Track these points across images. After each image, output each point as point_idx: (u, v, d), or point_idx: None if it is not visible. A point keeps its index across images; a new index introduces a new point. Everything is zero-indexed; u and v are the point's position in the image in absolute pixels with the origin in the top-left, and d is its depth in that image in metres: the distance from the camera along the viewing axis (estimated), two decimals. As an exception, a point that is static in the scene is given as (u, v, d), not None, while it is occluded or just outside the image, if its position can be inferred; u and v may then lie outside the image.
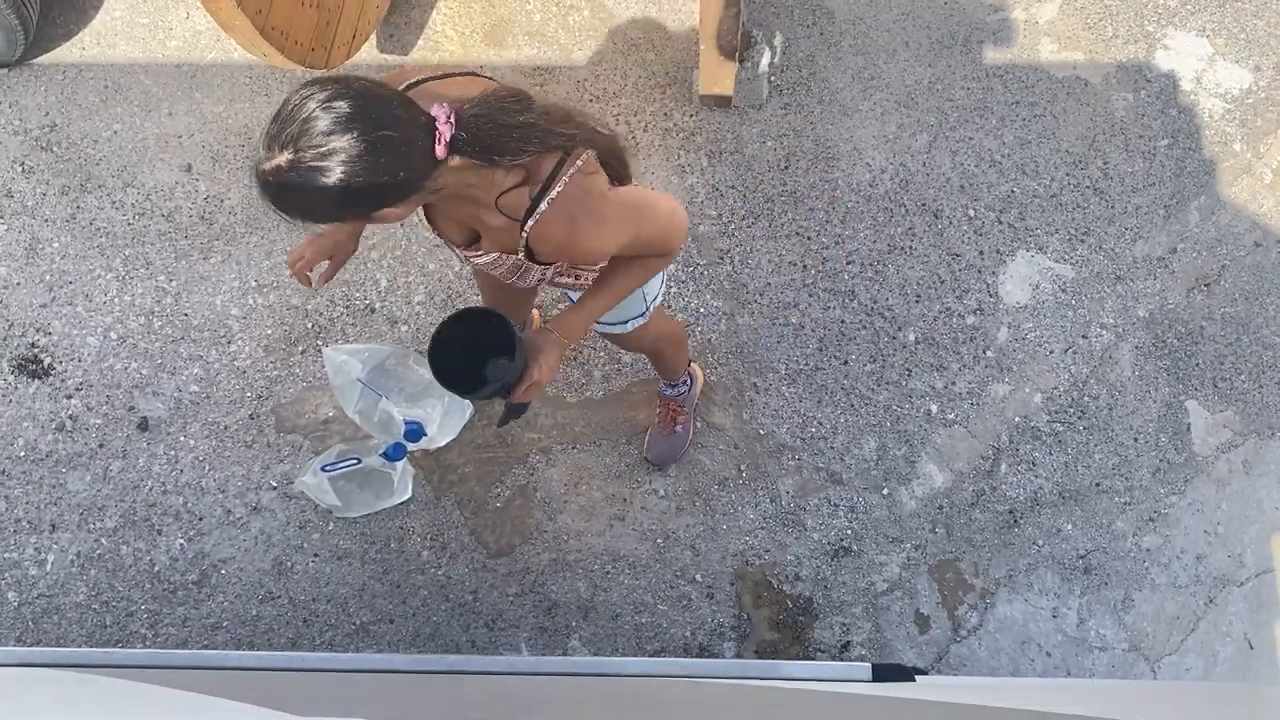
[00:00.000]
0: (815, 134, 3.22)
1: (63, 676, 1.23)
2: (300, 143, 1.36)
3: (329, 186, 1.38)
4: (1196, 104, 3.29)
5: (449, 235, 1.83)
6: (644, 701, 1.29)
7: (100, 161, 3.18)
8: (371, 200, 1.46)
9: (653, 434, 2.92)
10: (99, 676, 1.24)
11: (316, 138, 1.36)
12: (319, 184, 1.38)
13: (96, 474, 2.93)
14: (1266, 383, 3.07)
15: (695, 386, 2.90)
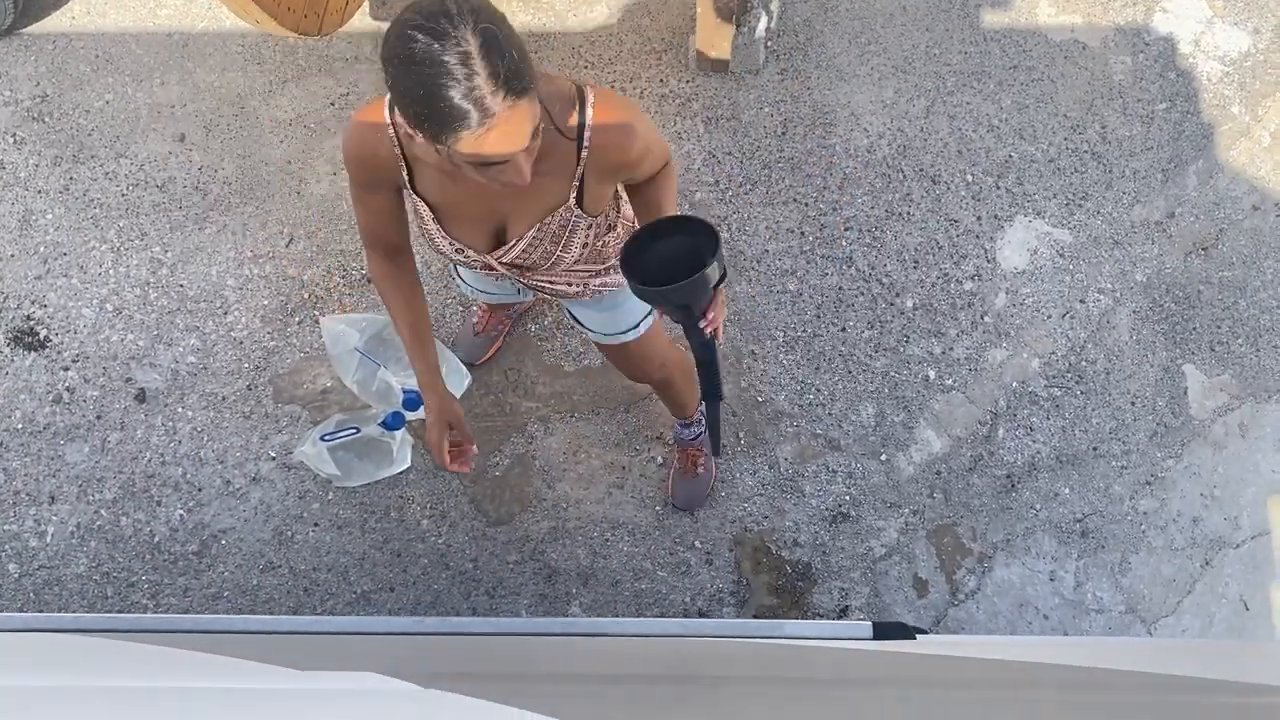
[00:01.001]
0: (812, 99, 3.21)
1: (68, 641, 1.24)
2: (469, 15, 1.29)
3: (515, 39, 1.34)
4: (1195, 67, 3.27)
5: (472, 240, 1.78)
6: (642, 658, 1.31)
7: (92, 132, 3.15)
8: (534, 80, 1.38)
9: (675, 479, 2.89)
10: (101, 639, 1.25)
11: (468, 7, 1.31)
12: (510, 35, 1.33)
13: (95, 446, 2.93)
14: (1263, 346, 3.07)
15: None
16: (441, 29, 1.28)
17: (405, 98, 1.34)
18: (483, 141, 1.35)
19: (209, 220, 3.09)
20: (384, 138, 1.62)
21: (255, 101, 3.18)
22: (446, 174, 1.62)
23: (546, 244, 1.77)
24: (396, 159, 1.64)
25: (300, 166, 3.12)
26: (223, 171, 3.12)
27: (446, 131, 1.34)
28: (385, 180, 1.70)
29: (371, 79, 3.18)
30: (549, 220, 1.72)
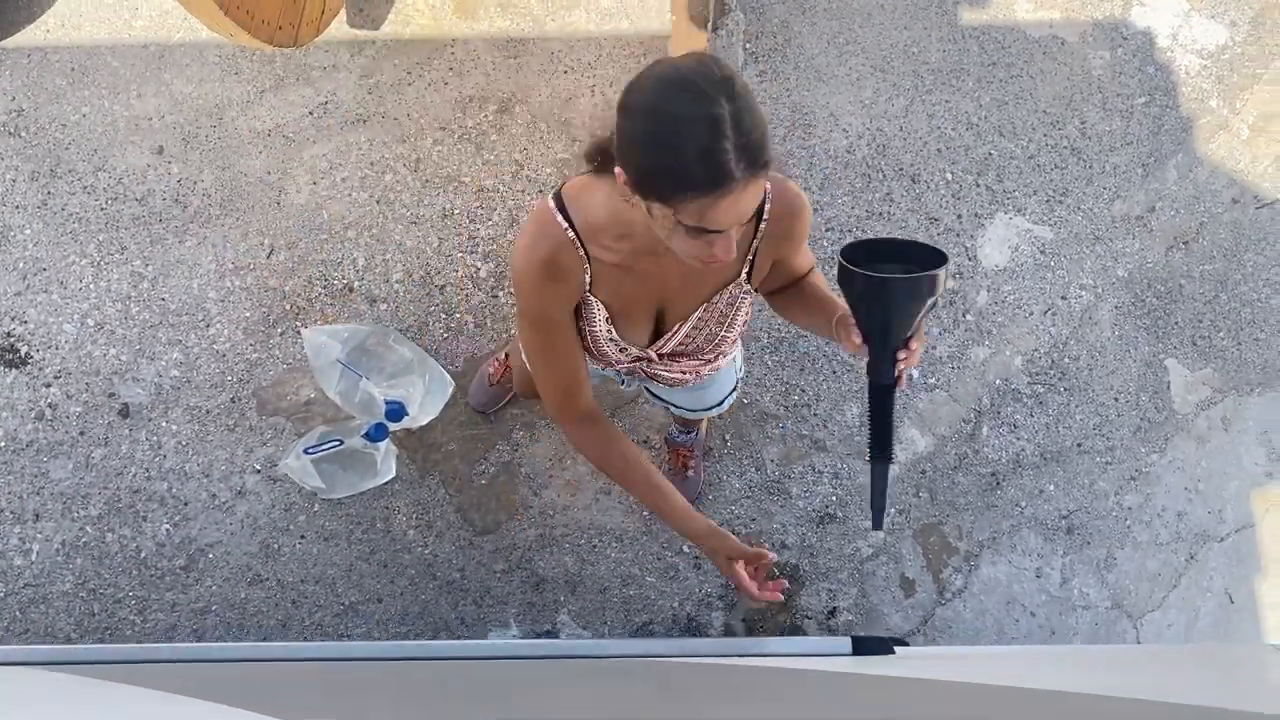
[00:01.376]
0: (791, 101, 3.20)
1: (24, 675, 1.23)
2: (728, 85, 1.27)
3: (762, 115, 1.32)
4: (1173, 61, 3.28)
5: (635, 336, 1.72)
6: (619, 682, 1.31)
7: (69, 146, 3.14)
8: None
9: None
10: (63, 675, 1.24)
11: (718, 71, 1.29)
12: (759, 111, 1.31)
13: (79, 462, 2.92)
14: (1245, 339, 3.09)
15: (702, 428, 2.83)
16: (699, 89, 1.26)
17: (643, 151, 1.31)
18: (713, 209, 1.31)
19: (189, 233, 3.08)
20: (566, 244, 1.54)
21: (233, 112, 3.17)
22: (623, 268, 1.57)
23: (711, 325, 1.72)
24: (581, 262, 1.56)
25: (280, 177, 3.11)
26: (202, 183, 3.11)
27: (680, 192, 1.30)
28: (569, 295, 1.61)
29: (350, 88, 3.17)
30: (717, 299, 1.67)
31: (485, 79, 3.18)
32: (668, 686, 1.35)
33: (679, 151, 1.27)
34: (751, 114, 1.29)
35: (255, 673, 1.36)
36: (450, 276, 3.02)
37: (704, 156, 1.27)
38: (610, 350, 1.73)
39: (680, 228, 1.35)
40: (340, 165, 3.11)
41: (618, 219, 1.52)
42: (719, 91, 1.27)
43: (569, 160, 3.12)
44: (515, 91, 3.18)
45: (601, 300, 1.63)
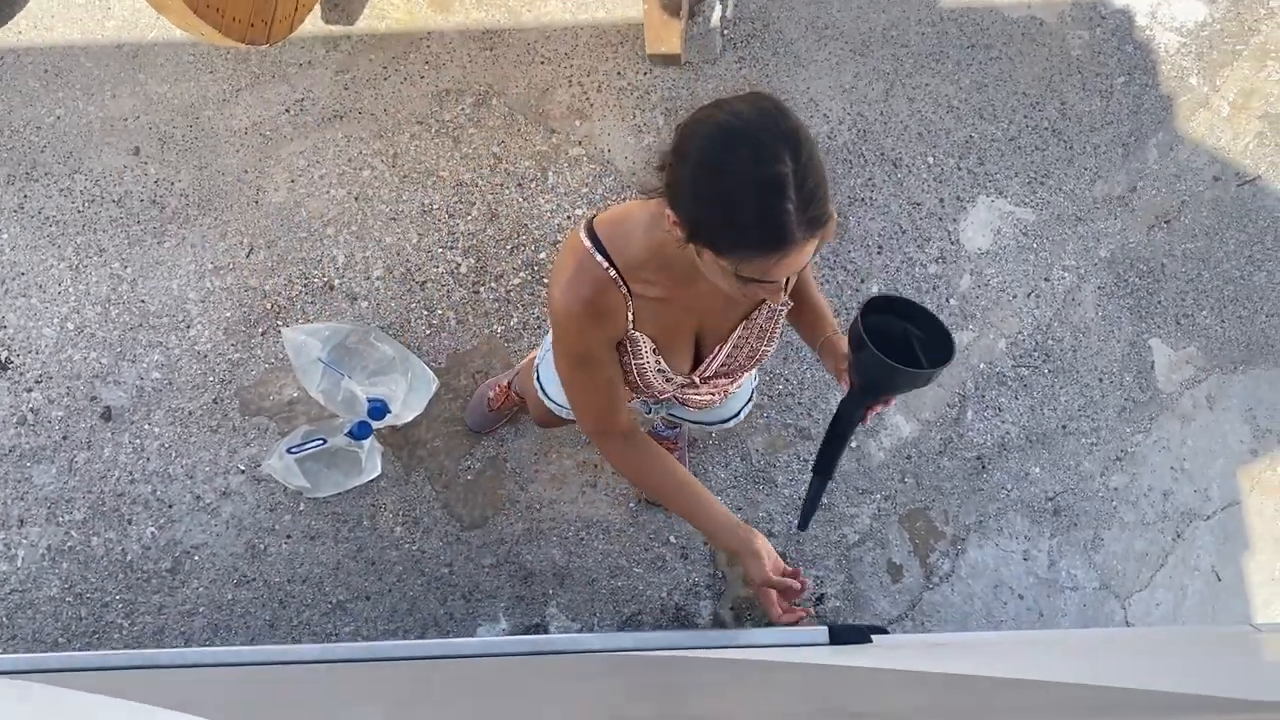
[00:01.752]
0: (771, 87, 3.19)
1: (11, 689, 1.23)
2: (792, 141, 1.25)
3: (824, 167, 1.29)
4: (1152, 39, 3.27)
5: (679, 365, 1.70)
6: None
7: (45, 148, 3.12)
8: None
9: None
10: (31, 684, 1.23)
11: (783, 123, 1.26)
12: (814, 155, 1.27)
13: (62, 466, 2.91)
14: (1228, 317, 3.09)
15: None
16: (761, 145, 1.23)
17: (699, 203, 1.28)
18: (770, 268, 1.30)
19: (167, 233, 3.06)
20: (608, 284, 1.51)
21: (209, 111, 3.15)
22: (664, 300, 1.55)
23: (752, 341, 1.70)
24: (624, 301, 1.53)
25: (257, 175, 3.09)
26: (179, 183, 3.09)
27: (737, 250, 1.29)
28: (613, 334, 1.58)
29: (326, 84, 3.15)
30: (756, 315, 1.66)
31: (461, 72, 3.17)
32: (647, 681, 1.35)
33: (738, 211, 1.25)
34: (813, 171, 1.25)
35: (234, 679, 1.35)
36: (431, 273, 3.01)
37: (764, 220, 1.24)
38: (657, 381, 1.71)
39: (732, 275, 1.33)
40: (318, 162, 3.09)
41: (657, 253, 1.49)
42: (783, 147, 1.23)
43: (548, 153, 3.10)
44: (492, 84, 3.16)
45: (647, 335, 1.61)
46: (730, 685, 1.25)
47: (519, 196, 3.07)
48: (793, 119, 1.26)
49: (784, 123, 1.25)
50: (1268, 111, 3.22)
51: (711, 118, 1.28)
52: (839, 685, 1.25)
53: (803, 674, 1.30)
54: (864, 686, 1.24)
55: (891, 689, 1.23)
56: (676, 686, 1.32)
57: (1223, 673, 1.32)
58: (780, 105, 1.28)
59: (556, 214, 3.06)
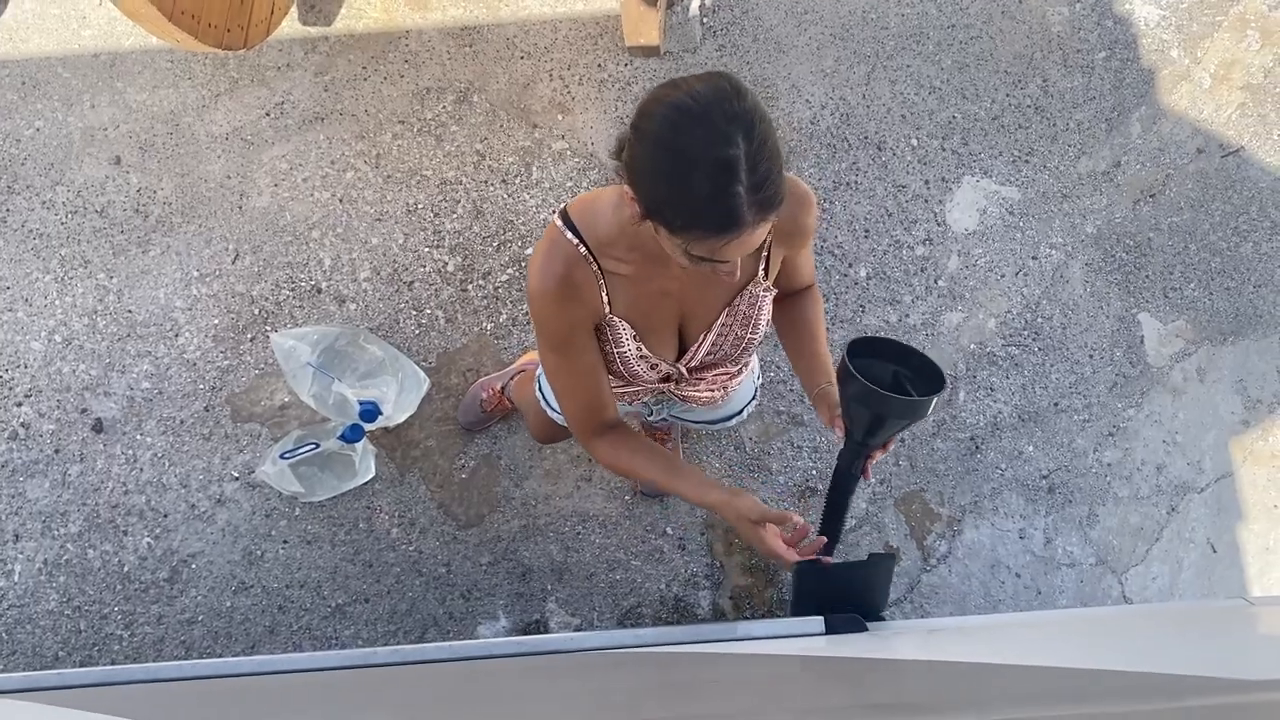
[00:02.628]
0: (752, 74, 3.18)
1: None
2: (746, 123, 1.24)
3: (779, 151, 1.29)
4: (1132, 13, 3.26)
5: (662, 352, 1.70)
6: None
7: (25, 161, 3.10)
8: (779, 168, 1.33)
9: None
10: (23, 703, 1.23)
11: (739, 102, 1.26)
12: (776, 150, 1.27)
13: (55, 480, 2.90)
14: (1216, 289, 3.09)
15: None
16: (714, 126, 1.24)
17: (653, 181, 1.29)
18: (721, 248, 1.31)
19: (152, 242, 3.05)
20: (578, 260, 1.53)
21: (189, 117, 3.13)
22: (637, 280, 1.56)
23: (736, 329, 1.70)
24: (595, 278, 1.55)
25: (240, 180, 3.07)
26: (162, 191, 3.08)
27: (688, 230, 1.30)
28: (586, 316, 1.59)
29: (305, 86, 3.13)
30: (738, 302, 1.65)
31: (441, 69, 3.15)
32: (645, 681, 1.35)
33: (690, 191, 1.26)
34: (766, 153, 1.26)
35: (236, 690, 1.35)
36: (418, 272, 3.00)
37: (715, 200, 1.25)
38: (641, 369, 1.71)
39: (684, 253, 1.35)
40: (300, 165, 3.08)
41: (625, 231, 1.50)
42: (736, 129, 1.24)
43: (531, 148, 3.09)
44: (473, 80, 3.15)
45: (624, 318, 1.62)
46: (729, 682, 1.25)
47: (504, 193, 3.06)
48: (749, 99, 1.27)
49: (739, 104, 1.26)
50: (1249, 82, 3.22)
51: (668, 97, 1.28)
52: (834, 677, 1.25)
53: (801, 666, 1.31)
54: (857, 677, 1.24)
55: (886, 679, 1.24)
56: (675, 684, 1.32)
57: (1218, 651, 1.33)
58: (737, 85, 1.28)
59: (542, 209, 3.05)
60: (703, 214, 1.27)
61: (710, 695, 1.24)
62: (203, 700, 1.34)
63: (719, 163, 1.24)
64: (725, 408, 2.13)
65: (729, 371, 1.87)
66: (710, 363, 1.79)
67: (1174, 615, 1.69)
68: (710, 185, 1.24)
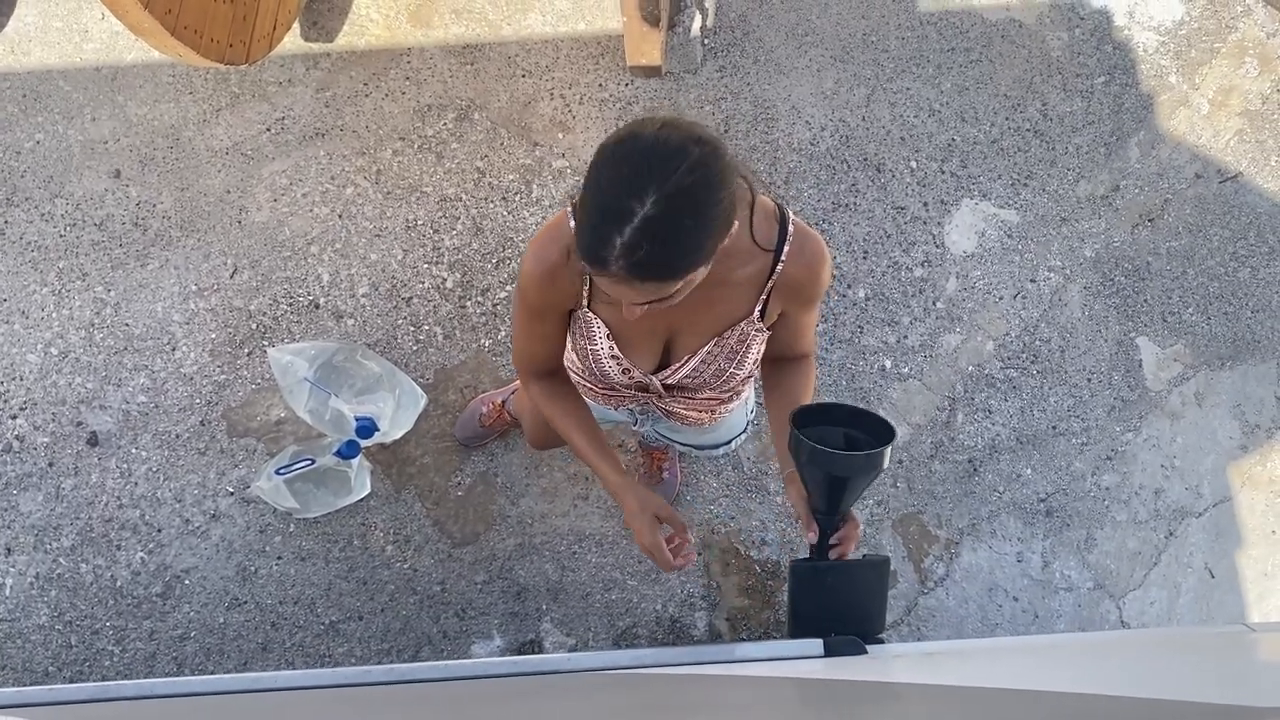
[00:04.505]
0: (753, 95, 3.19)
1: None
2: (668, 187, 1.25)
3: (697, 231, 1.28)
4: (1131, 39, 3.28)
5: (640, 360, 1.71)
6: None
7: (25, 173, 3.10)
8: (708, 256, 1.34)
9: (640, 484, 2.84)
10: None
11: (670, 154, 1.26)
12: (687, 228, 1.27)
13: (49, 493, 2.88)
14: (1214, 314, 3.09)
15: None
16: (633, 176, 1.25)
17: (579, 204, 1.34)
18: (598, 279, 1.35)
19: (150, 256, 3.04)
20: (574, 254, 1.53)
21: (190, 132, 3.13)
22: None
23: (721, 360, 1.69)
24: (583, 272, 1.54)
25: (240, 195, 3.07)
26: (161, 205, 3.08)
27: (577, 250, 1.33)
28: (562, 301, 1.63)
29: (306, 102, 3.14)
30: (728, 335, 1.64)
31: (443, 87, 3.16)
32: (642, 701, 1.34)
33: (585, 216, 1.30)
34: (670, 227, 1.25)
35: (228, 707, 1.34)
36: (416, 289, 3.00)
37: (592, 234, 1.28)
38: (612, 369, 1.72)
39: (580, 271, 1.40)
40: (300, 181, 3.08)
41: None
42: (651, 185, 1.24)
43: (531, 166, 3.10)
44: (474, 98, 3.15)
45: (602, 318, 1.63)
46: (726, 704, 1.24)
47: (504, 210, 3.06)
48: (699, 173, 1.26)
49: (675, 161, 1.25)
50: (1247, 109, 3.24)
51: (623, 131, 1.30)
52: (833, 700, 1.24)
53: (798, 689, 1.29)
54: (859, 701, 1.23)
55: (886, 702, 1.23)
56: (674, 706, 1.31)
57: (1219, 678, 1.32)
58: (696, 137, 1.27)
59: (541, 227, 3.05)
60: (581, 238, 1.31)
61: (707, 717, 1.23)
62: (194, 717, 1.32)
63: (611, 208, 1.26)
64: (714, 434, 2.12)
65: (719, 397, 1.86)
66: (690, 385, 1.78)
67: (1174, 640, 1.68)
68: (596, 219, 1.27)
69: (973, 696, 1.17)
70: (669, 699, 1.35)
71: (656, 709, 1.29)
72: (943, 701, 1.18)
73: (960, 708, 1.16)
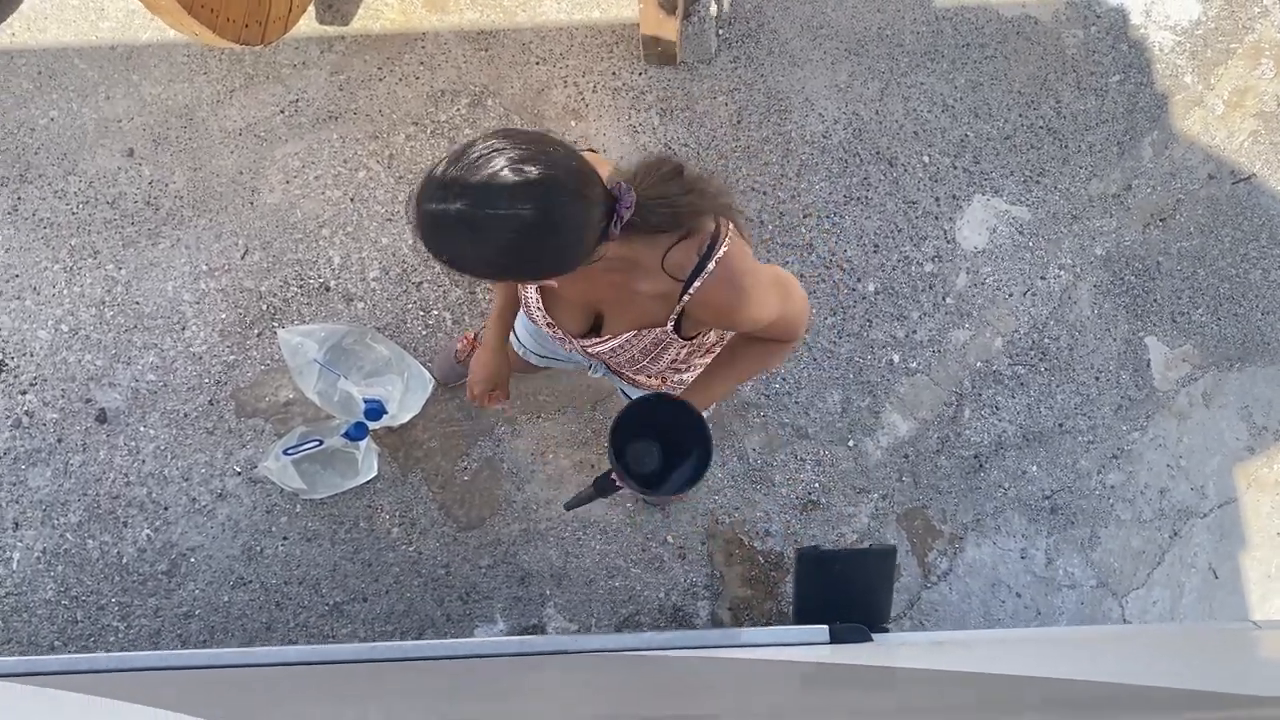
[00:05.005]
0: (766, 86, 3.19)
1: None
2: (478, 197, 1.29)
3: (497, 247, 1.32)
4: (1146, 37, 3.27)
5: (566, 325, 1.77)
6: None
7: (39, 150, 3.10)
8: (533, 271, 1.40)
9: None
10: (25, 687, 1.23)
11: (498, 198, 1.29)
12: (486, 242, 1.31)
13: (57, 469, 2.89)
14: (1224, 315, 3.09)
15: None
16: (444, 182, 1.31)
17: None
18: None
19: (162, 235, 3.05)
20: None
21: (204, 112, 3.14)
22: None
23: (636, 353, 1.74)
24: None
25: (252, 176, 3.08)
26: (174, 185, 3.08)
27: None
28: None
29: (320, 85, 3.14)
30: (645, 333, 1.69)
31: (457, 72, 3.16)
32: (649, 681, 1.35)
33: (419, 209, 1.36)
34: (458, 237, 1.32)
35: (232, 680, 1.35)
36: (426, 273, 3.00)
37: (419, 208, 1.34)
38: (538, 319, 1.79)
39: None
40: (313, 163, 3.09)
41: None
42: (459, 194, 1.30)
43: (543, 152, 3.09)
44: (487, 84, 3.15)
45: None
46: (731, 683, 1.24)
47: (515, 197, 3.06)
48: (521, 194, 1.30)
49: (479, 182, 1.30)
50: (1262, 110, 3.23)
51: (490, 135, 1.35)
52: (839, 683, 1.25)
53: (803, 671, 1.30)
54: (865, 684, 1.24)
55: (892, 686, 1.23)
56: (677, 686, 1.31)
57: (1223, 669, 1.32)
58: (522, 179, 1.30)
59: (552, 214, 3.05)
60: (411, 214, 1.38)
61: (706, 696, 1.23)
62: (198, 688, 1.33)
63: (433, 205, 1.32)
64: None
65: (673, 368, 1.91)
66: (613, 362, 1.83)
67: (1178, 635, 1.68)
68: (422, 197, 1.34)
69: (977, 682, 1.17)
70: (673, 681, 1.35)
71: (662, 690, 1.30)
72: (946, 685, 1.18)
73: (964, 692, 1.16)
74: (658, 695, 1.25)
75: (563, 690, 1.35)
